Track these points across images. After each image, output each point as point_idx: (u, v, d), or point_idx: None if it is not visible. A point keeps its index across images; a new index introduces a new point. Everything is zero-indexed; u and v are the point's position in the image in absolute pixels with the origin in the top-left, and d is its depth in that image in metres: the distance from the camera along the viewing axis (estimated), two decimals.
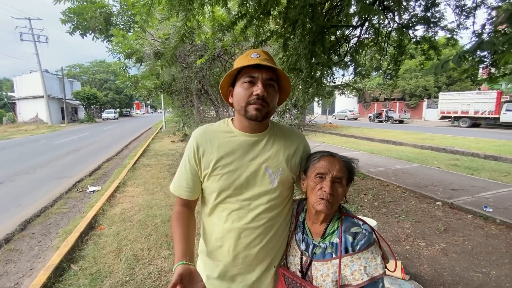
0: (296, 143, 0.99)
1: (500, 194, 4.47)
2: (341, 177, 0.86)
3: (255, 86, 0.86)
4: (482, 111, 17.34)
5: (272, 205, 0.93)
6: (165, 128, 18.13)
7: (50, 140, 13.41)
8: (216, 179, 0.91)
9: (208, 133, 0.95)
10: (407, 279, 2.28)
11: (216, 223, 0.95)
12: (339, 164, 0.86)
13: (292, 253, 0.96)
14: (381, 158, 7.77)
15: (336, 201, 0.86)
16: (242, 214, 0.91)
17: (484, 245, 2.96)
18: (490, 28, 3.72)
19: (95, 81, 40.70)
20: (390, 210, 3.93)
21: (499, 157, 7.47)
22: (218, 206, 0.94)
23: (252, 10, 3.10)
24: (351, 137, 13.51)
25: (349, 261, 0.81)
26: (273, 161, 0.93)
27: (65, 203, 4.59)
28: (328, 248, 0.85)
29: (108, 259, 2.69)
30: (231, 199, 0.91)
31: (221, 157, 0.90)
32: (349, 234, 0.83)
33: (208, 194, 0.96)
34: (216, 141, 0.92)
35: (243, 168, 0.90)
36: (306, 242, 0.92)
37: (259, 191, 0.91)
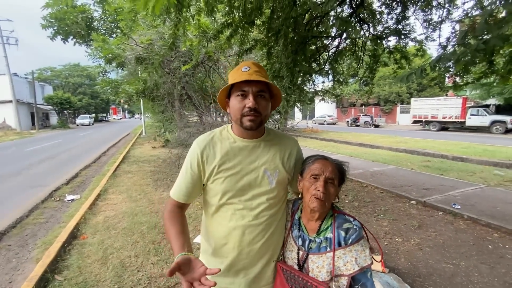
0: (290, 147, 1.10)
1: (467, 192, 4.86)
2: (333, 178, 0.96)
3: (247, 99, 0.95)
4: (449, 115, 18.60)
5: (271, 203, 1.03)
6: (144, 134, 17.69)
7: (20, 147, 12.65)
8: (220, 182, 0.99)
9: (210, 140, 1.03)
10: (387, 272, 2.45)
11: (221, 223, 1.03)
12: (331, 166, 0.97)
13: (289, 249, 1.05)
14: (360, 161, 8.12)
15: (329, 199, 0.96)
16: (245, 213, 1.00)
17: (454, 239, 3.22)
18: (454, 41, 4.10)
19: (69, 85, 38.93)
20: (370, 210, 4.16)
21: (465, 158, 8.08)
22: (223, 207, 1.02)
23: (237, 20, 3.21)
24: (330, 141, 13.95)
25: (342, 254, 0.91)
26: (271, 164, 1.03)
27: (42, 213, 4.38)
28: (323, 242, 0.95)
29: (94, 268, 2.63)
30: (234, 200, 1.00)
31: (224, 162, 0.99)
32: (342, 230, 0.94)
33: (212, 196, 1.03)
34: (218, 147, 1.01)
35: (244, 171, 1.00)
36: (302, 238, 1.01)
37: (259, 191, 1.01)
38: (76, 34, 3.61)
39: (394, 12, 4.52)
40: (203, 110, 5.99)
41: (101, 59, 5.42)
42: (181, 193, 1.02)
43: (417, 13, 4.42)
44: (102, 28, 4.29)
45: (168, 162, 7.27)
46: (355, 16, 4.11)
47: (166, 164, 7.35)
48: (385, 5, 4.45)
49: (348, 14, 4.10)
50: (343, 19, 2.24)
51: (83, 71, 39.96)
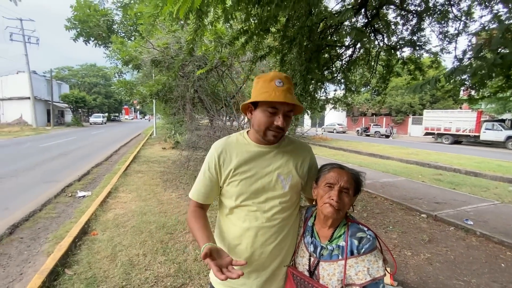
0: (304, 153, 1.12)
1: (480, 208, 4.73)
2: (348, 187, 0.96)
3: (277, 116, 0.97)
4: (463, 129, 18.19)
5: (284, 207, 1.05)
6: (155, 135, 17.97)
7: (35, 143, 13.04)
8: (235, 184, 1.03)
9: (227, 144, 1.08)
10: (395, 285, 2.41)
11: (235, 223, 1.06)
12: (347, 176, 0.97)
13: (301, 254, 1.06)
14: (369, 171, 8.02)
15: (343, 208, 0.95)
16: (258, 215, 1.03)
17: (466, 256, 3.14)
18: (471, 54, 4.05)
19: (84, 84, 40.09)
20: (378, 221, 4.09)
21: (479, 173, 7.87)
22: (237, 208, 1.05)
23: (253, 27, 3.28)
24: (340, 149, 13.83)
25: (354, 263, 0.90)
26: (284, 168, 1.05)
27: (54, 207, 4.50)
28: (335, 250, 0.95)
29: (103, 264, 2.68)
30: (248, 202, 1.03)
31: (239, 165, 1.03)
32: (355, 238, 0.93)
33: (227, 197, 1.07)
34: (234, 151, 1.05)
35: (258, 175, 1.03)
36: (314, 244, 1.02)
37: (273, 195, 1.04)
38: (97, 36, 3.75)
39: (409, 24, 4.51)
40: (214, 114, 6.07)
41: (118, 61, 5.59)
42: (199, 194, 1.08)
43: (433, 25, 4.40)
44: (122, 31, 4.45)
45: (178, 164, 7.37)
46: (369, 26, 4.12)
47: (175, 165, 7.44)
48: (400, 16, 4.45)
49: (363, 24, 4.11)
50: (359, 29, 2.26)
51: (99, 71, 41.10)
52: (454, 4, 3.94)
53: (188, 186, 5.51)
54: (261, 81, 0.99)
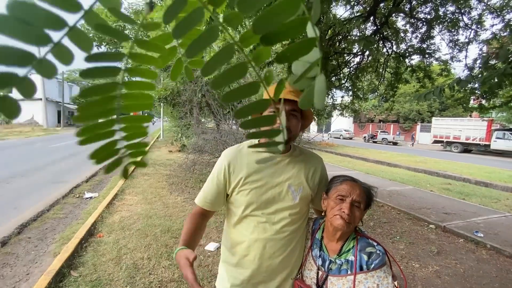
0: (315, 164, 1.12)
1: (491, 220, 4.61)
2: (359, 201, 0.95)
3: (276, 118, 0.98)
4: (473, 137, 17.85)
5: (293, 219, 1.04)
6: (162, 138, 18.15)
7: (45, 144, 13.31)
8: (245, 194, 1.02)
9: (238, 153, 1.07)
10: None
11: (243, 233, 1.05)
12: (359, 189, 0.96)
13: (308, 267, 1.04)
14: (376, 179, 7.91)
15: (353, 222, 0.94)
16: (267, 226, 1.02)
17: (476, 269, 3.05)
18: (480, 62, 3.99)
19: None
20: (385, 231, 4.02)
21: (489, 183, 7.69)
22: (246, 218, 1.04)
23: None
24: (346, 156, 13.72)
25: (363, 278, 0.89)
26: (295, 179, 1.04)
27: (62, 208, 4.56)
28: (344, 264, 0.93)
29: (108, 267, 2.70)
30: (257, 212, 1.02)
31: (250, 174, 1.02)
32: (364, 253, 0.91)
33: (236, 206, 1.06)
34: (245, 160, 1.05)
35: (269, 185, 1.02)
36: (322, 258, 1.00)
37: (283, 206, 1.02)
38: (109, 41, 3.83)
39: (419, 31, 4.49)
40: (220, 118, 6.11)
41: None
42: (205, 200, 1.08)
43: (443, 33, 4.36)
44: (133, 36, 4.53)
45: (184, 167, 7.40)
46: (378, 34, 4.11)
47: (181, 169, 7.48)
48: (409, 24, 4.43)
49: (372, 32, 4.11)
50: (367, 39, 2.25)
51: None
52: (464, 12, 3.91)
53: (194, 190, 5.52)
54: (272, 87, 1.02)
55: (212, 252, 3.09)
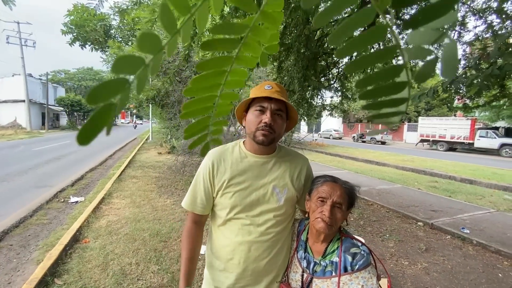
0: (300, 165, 1.09)
1: (476, 216, 4.73)
2: (341, 202, 0.92)
3: (264, 114, 0.97)
4: (457, 136, 18.39)
5: (278, 220, 1.01)
6: (151, 139, 17.86)
7: (29, 147, 12.86)
8: (229, 196, 1.00)
9: (222, 154, 1.04)
10: None
11: (228, 237, 1.03)
12: (340, 190, 0.94)
13: (294, 270, 1.02)
14: (366, 178, 8.02)
15: (335, 223, 0.92)
16: (252, 229, 0.99)
17: (463, 265, 3.12)
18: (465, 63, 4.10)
19: (81, 88, 39.87)
20: (375, 229, 4.07)
21: (474, 180, 7.92)
22: (230, 221, 1.02)
23: None
24: (336, 156, 13.86)
25: (348, 280, 0.87)
26: (280, 181, 1.02)
27: (46, 213, 4.40)
28: (328, 266, 0.92)
29: (94, 274, 2.61)
30: (241, 215, 1.00)
31: (234, 176, 1.00)
32: (349, 254, 0.90)
33: (220, 209, 1.04)
34: (229, 161, 1.02)
35: (253, 186, 1.00)
36: (307, 260, 0.98)
37: (267, 208, 1.00)
38: (94, 40, 3.73)
39: (405, 32, 4.57)
40: None
41: None
42: (196, 204, 1.05)
43: None
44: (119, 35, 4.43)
45: (173, 169, 7.30)
46: None
47: (171, 171, 7.37)
48: (396, 25, 4.50)
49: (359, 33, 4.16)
50: None
51: (96, 75, 40.98)
52: None
53: (183, 192, 5.44)
54: (253, 89, 1.02)
55: (202, 255, 3.04)
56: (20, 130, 23.37)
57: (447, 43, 0.22)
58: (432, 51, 0.23)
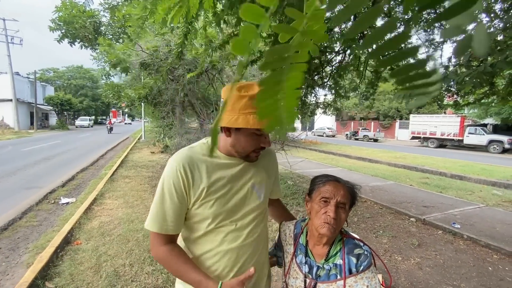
0: (269, 158, 1.08)
1: (467, 211, 4.83)
2: (345, 202, 0.90)
3: (262, 137, 0.90)
4: (447, 133, 18.75)
5: (259, 219, 1.00)
6: (144, 138, 17.65)
7: (17, 147, 12.55)
8: (209, 205, 0.89)
9: (194, 158, 0.90)
10: None
11: (209, 248, 0.93)
12: (343, 190, 0.91)
13: (293, 276, 0.98)
14: (359, 175, 8.10)
15: (339, 225, 0.90)
16: (238, 233, 0.93)
17: (454, 259, 3.18)
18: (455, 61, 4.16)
19: (70, 86, 39.04)
20: (369, 226, 4.11)
21: (463, 176, 8.08)
22: (212, 231, 0.92)
23: None
24: (329, 153, 13.96)
25: (353, 282, 0.86)
26: (257, 178, 0.98)
27: (36, 215, 4.30)
28: (332, 269, 0.90)
29: (86, 276, 2.56)
30: (226, 222, 0.92)
31: (212, 183, 0.89)
32: (353, 256, 0.89)
33: (198, 221, 0.92)
34: (203, 166, 0.90)
35: (233, 190, 0.93)
36: (309, 264, 0.95)
37: (250, 208, 0.95)
38: (83, 37, 3.64)
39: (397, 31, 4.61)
40: (204, 118, 6.00)
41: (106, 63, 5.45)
42: (167, 224, 0.87)
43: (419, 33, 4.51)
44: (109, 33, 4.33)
45: None
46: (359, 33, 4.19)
47: None
48: None
49: None
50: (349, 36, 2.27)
51: (86, 73, 40.20)
52: None
53: None
54: (247, 97, 0.83)
55: None
56: (8, 130, 22.78)
57: (478, 23, 0.26)
58: (467, 30, 0.26)
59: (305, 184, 6.47)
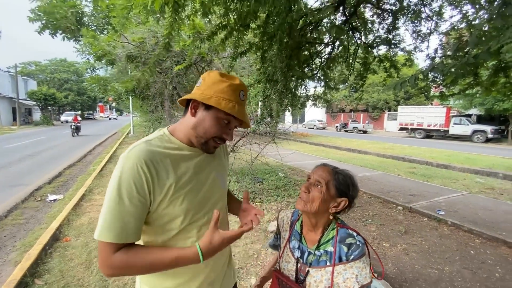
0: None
1: (451, 199, 5.01)
2: (320, 181, 0.93)
3: (227, 129, 0.87)
4: (434, 124, 19.23)
5: (225, 206, 1.02)
6: (133, 133, 17.34)
7: (0, 144, 12.12)
8: (179, 202, 0.82)
9: (155, 153, 0.80)
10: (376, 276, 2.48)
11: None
12: (323, 171, 0.96)
13: (286, 260, 1.02)
14: (349, 166, 8.24)
15: (311, 201, 0.93)
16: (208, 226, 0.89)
17: (439, 245, 3.31)
18: (441, 52, 4.24)
19: (54, 80, 37.73)
20: (358, 215, 4.21)
21: (448, 165, 8.35)
22: (185, 229, 0.86)
23: (233, 22, 3.21)
24: (320, 145, 14.11)
25: (342, 269, 0.88)
26: (219, 166, 0.99)
27: (22, 213, 4.20)
28: (323, 256, 0.92)
29: (77, 272, 2.53)
30: (198, 215, 0.88)
31: (180, 177, 0.83)
32: (344, 245, 0.91)
33: (169, 221, 0.83)
34: (167, 160, 0.82)
35: (200, 182, 0.89)
36: (301, 249, 0.99)
37: (216, 197, 0.95)
38: (65, 29, 3.50)
39: (385, 22, 4.64)
40: None
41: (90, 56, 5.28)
42: (128, 232, 0.74)
43: (407, 24, 4.55)
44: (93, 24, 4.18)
45: None
46: (347, 24, 4.19)
47: None
48: (376, 15, 4.56)
49: (341, 22, 4.18)
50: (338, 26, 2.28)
51: (70, 67, 38.89)
52: (426, 4, 4.10)
53: None
54: (227, 84, 0.83)
55: None
56: None
57: None
58: None
59: (296, 176, 6.54)
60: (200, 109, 0.84)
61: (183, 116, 0.92)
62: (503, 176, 7.04)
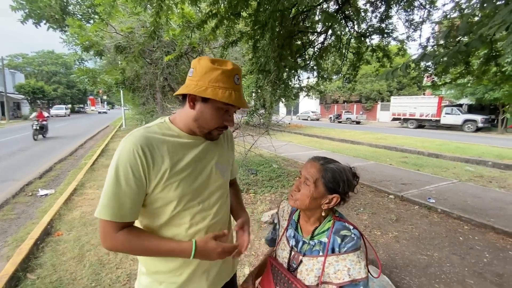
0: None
1: (441, 187, 5.11)
2: (307, 178, 0.92)
3: (227, 115, 0.89)
4: (426, 114, 19.45)
5: (225, 197, 1.01)
6: (125, 126, 17.11)
7: None
8: (174, 187, 0.85)
9: (152, 139, 0.83)
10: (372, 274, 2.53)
11: (176, 234, 0.89)
12: (311, 167, 0.93)
13: (282, 247, 1.04)
14: (342, 157, 8.30)
15: (300, 198, 0.92)
16: (205, 213, 0.93)
17: (428, 232, 3.38)
18: (433, 41, 4.23)
19: (42, 73, 36.73)
20: (350, 204, 4.27)
21: (439, 154, 8.48)
22: (178, 214, 0.88)
23: (223, 10, 3.13)
24: (314, 136, 14.16)
25: (334, 261, 0.87)
26: (220, 157, 0.98)
27: (13, 208, 4.14)
28: (316, 245, 0.93)
29: (69, 266, 2.52)
30: (192, 203, 0.90)
31: (175, 163, 0.85)
32: (338, 236, 0.90)
33: (162, 206, 0.86)
34: (164, 147, 0.85)
35: (198, 169, 0.91)
36: (296, 238, 1.00)
37: (214, 186, 0.95)
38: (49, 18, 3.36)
39: (378, 11, 4.59)
40: None
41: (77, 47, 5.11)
42: (125, 211, 0.79)
43: (399, 13, 4.52)
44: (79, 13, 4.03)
45: None
46: (340, 13, 4.14)
47: None
48: (369, 3, 4.51)
49: (334, 11, 4.12)
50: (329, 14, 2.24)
51: (58, 59, 37.84)
52: None
53: None
54: (220, 71, 0.82)
55: None
56: None
57: None
58: None
59: (290, 167, 6.57)
60: (198, 101, 0.86)
61: (181, 106, 0.93)
62: (492, 164, 7.19)
